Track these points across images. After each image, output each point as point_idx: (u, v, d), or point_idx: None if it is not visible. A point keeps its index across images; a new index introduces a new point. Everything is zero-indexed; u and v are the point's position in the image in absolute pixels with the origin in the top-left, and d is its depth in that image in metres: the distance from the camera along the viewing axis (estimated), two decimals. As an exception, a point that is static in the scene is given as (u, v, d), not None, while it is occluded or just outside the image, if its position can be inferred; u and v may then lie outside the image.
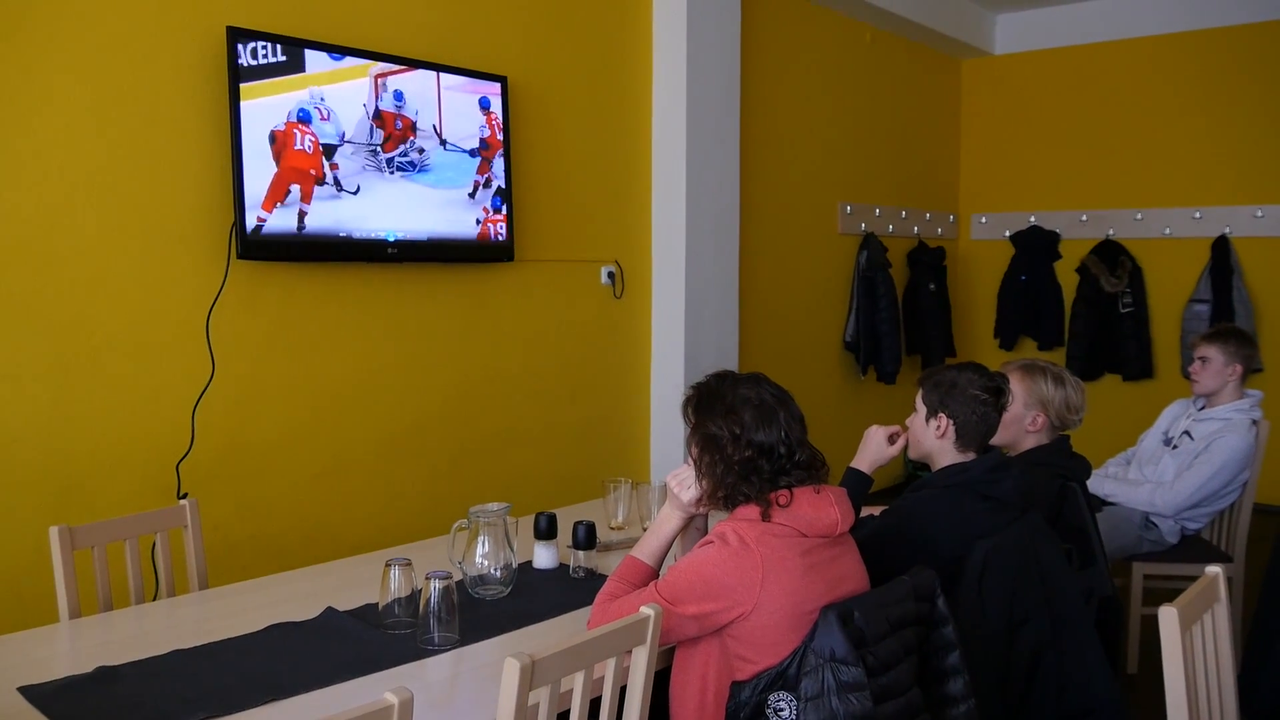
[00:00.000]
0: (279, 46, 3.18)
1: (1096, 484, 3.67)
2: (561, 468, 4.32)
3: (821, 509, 1.93)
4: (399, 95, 3.52)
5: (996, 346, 7.07)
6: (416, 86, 3.58)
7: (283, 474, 3.38)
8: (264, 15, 3.23)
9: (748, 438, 1.94)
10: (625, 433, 4.67)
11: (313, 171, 3.27)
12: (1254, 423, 3.65)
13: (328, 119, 3.32)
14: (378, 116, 3.46)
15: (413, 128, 3.56)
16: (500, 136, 3.86)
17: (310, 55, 3.28)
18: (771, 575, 1.84)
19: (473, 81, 3.78)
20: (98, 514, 2.82)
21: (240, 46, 3.09)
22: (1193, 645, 1.78)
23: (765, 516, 1.90)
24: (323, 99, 3.30)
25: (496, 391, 4.06)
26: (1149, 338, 6.59)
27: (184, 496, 3.03)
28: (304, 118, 3.25)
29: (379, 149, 3.44)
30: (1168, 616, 1.69)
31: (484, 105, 3.81)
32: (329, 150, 3.31)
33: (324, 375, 3.49)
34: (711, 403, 2.01)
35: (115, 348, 2.99)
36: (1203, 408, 3.78)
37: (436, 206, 3.65)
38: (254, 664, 1.92)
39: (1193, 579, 1.87)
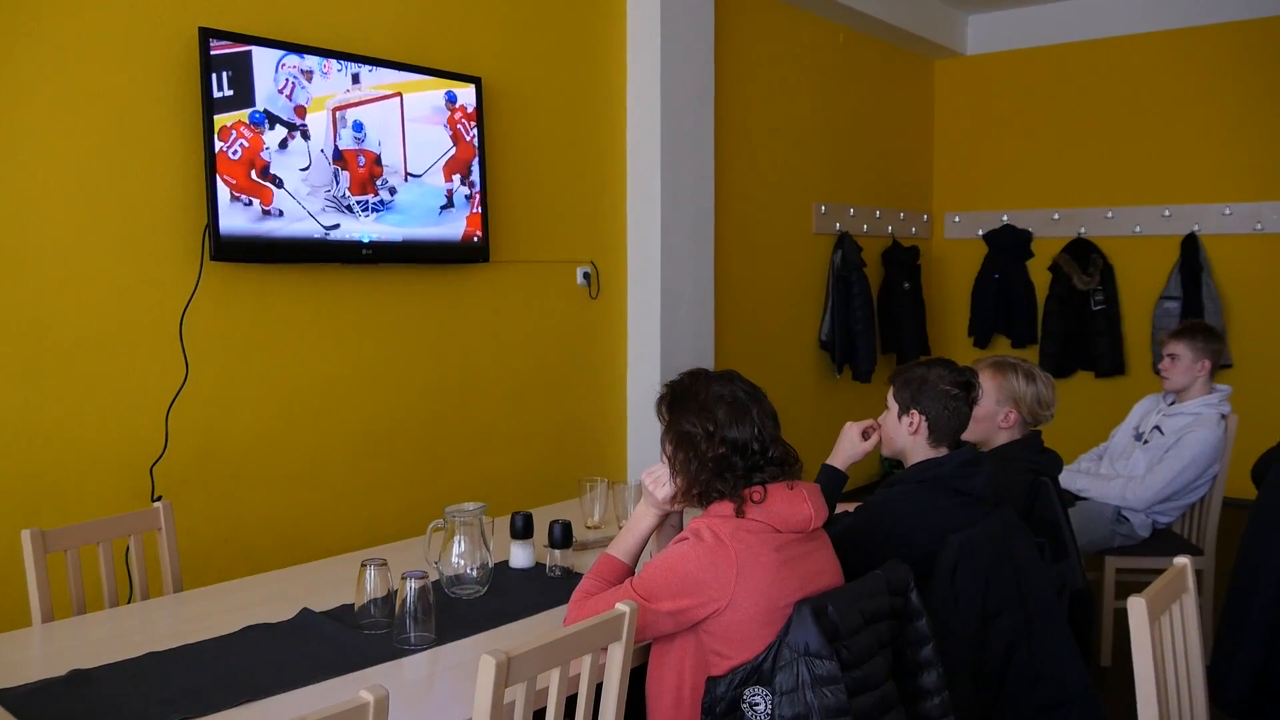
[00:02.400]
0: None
1: (1068, 479, 3.71)
2: (538, 467, 4.32)
3: (795, 505, 1.94)
4: (358, 126, 3.43)
5: (971, 344, 7.12)
6: (377, 116, 3.49)
7: (258, 476, 3.37)
8: (235, 16, 3.21)
9: (721, 435, 1.95)
10: (601, 432, 4.67)
11: (231, 179, 3.13)
12: (1223, 417, 3.70)
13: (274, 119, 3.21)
14: (339, 157, 3.38)
15: (377, 161, 3.48)
16: (470, 134, 3.81)
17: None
18: (746, 571, 1.85)
19: (436, 80, 3.71)
20: (71, 517, 2.79)
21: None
22: (1162, 635, 1.81)
23: (739, 513, 1.91)
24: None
25: (472, 392, 4.06)
26: (1120, 334, 6.66)
27: (158, 499, 3.01)
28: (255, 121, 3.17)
29: (346, 192, 3.39)
30: (1136, 607, 1.71)
31: (450, 100, 3.74)
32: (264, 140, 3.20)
33: (299, 377, 3.48)
34: (685, 400, 2.03)
35: (88, 349, 2.97)
36: (1173, 403, 3.82)
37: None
38: (230, 665, 1.92)
39: (1164, 572, 1.90)
